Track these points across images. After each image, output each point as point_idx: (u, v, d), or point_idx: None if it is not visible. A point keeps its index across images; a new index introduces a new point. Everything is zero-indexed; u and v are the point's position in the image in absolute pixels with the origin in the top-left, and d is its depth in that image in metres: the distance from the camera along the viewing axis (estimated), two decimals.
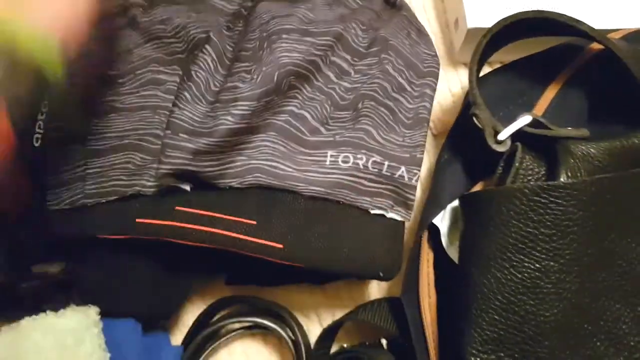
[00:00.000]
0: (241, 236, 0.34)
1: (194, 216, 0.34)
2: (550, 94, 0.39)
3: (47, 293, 0.39)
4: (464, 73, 0.46)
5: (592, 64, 0.39)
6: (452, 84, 0.46)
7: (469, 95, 0.37)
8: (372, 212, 0.36)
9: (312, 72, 0.37)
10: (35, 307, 0.39)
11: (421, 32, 0.40)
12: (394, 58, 0.38)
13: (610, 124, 0.37)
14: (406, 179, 0.37)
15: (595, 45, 0.40)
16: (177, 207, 0.34)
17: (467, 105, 0.39)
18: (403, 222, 0.37)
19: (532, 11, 0.36)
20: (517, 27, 0.37)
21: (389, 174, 0.36)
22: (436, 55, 0.39)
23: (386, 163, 0.36)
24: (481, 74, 0.41)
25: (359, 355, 0.38)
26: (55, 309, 0.40)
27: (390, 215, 0.37)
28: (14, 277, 0.37)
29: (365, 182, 0.36)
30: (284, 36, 0.36)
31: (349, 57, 0.38)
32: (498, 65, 0.44)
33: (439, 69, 0.39)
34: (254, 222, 0.34)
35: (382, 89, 0.37)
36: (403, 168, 0.37)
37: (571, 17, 0.36)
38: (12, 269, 0.37)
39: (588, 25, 0.36)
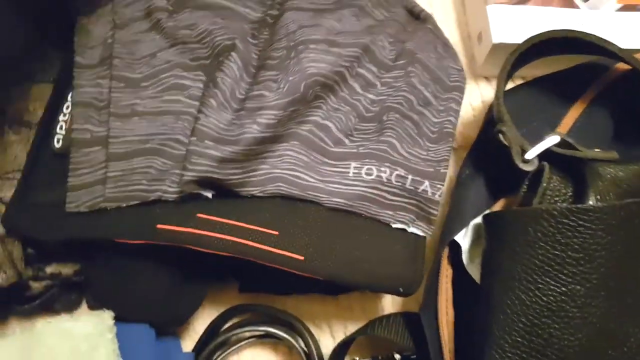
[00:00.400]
0: (263, 246, 0.34)
1: (216, 224, 0.34)
2: (575, 112, 0.39)
3: (59, 293, 0.39)
4: (485, 86, 0.46)
5: (618, 83, 0.39)
6: (473, 98, 0.45)
7: (493, 111, 0.37)
8: (394, 226, 0.36)
9: (338, 82, 0.36)
10: (47, 306, 0.39)
11: (447, 45, 0.40)
12: (420, 71, 0.37)
13: (636, 146, 0.37)
14: (429, 193, 0.36)
15: (622, 65, 0.39)
16: (199, 214, 0.34)
17: (490, 120, 0.38)
18: (424, 238, 0.37)
19: (562, 30, 0.36)
20: (545, 45, 0.37)
21: (412, 187, 0.36)
22: (462, 70, 0.39)
23: (410, 177, 0.36)
24: (505, 89, 0.41)
25: None
26: (67, 310, 0.39)
27: (411, 229, 0.36)
28: (28, 276, 0.37)
29: (388, 196, 0.36)
30: (312, 46, 0.36)
31: (375, 69, 0.37)
32: (519, 80, 0.44)
33: (465, 84, 0.39)
34: (276, 233, 0.34)
35: (407, 101, 0.37)
36: (427, 182, 0.36)
37: (600, 37, 0.36)
38: (25, 268, 0.37)
39: (617, 46, 0.36)
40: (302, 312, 0.42)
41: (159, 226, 0.34)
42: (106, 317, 0.35)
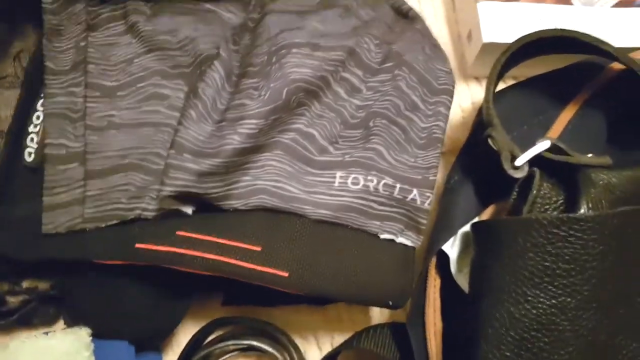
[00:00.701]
0: (245, 264, 0.32)
1: (196, 241, 0.33)
2: (567, 114, 0.37)
3: (37, 308, 0.38)
4: (475, 87, 0.44)
5: (613, 83, 0.38)
6: (462, 99, 0.44)
7: (483, 115, 0.36)
8: (382, 236, 0.35)
9: (322, 88, 0.35)
10: (23, 321, 0.38)
11: (436, 47, 0.38)
12: (407, 74, 0.36)
13: (630, 148, 0.36)
14: (418, 202, 0.35)
15: (616, 65, 0.38)
16: (178, 232, 0.33)
17: (479, 124, 0.37)
18: (414, 248, 0.35)
19: (555, 29, 0.35)
20: (537, 44, 0.35)
21: (400, 197, 0.35)
22: (451, 72, 0.37)
23: (398, 185, 0.35)
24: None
25: None
26: (46, 324, 0.38)
27: (400, 240, 0.35)
28: (3, 290, 0.36)
29: (376, 205, 0.34)
30: (294, 50, 0.34)
31: (360, 73, 0.36)
32: (511, 80, 0.43)
33: (454, 87, 0.37)
34: (259, 248, 0.33)
35: (394, 106, 0.35)
36: (415, 191, 0.35)
37: (594, 37, 0.35)
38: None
39: (611, 45, 0.35)
40: (288, 323, 0.40)
41: (137, 245, 0.33)
42: (83, 334, 0.34)
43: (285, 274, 0.32)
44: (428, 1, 0.46)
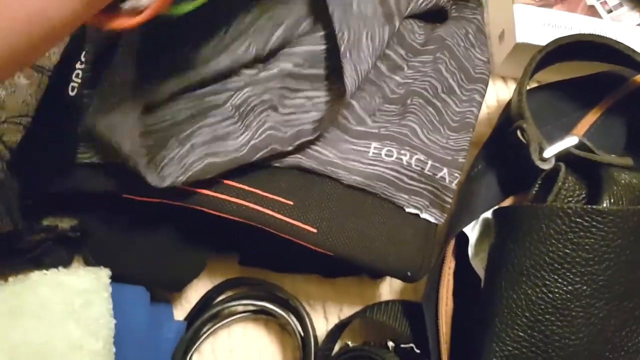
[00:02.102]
0: (277, 215, 0.33)
1: (232, 188, 0.33)
2: (590, 118, 0.39)
3: (50, 248, 0.38)
4: (501, 86, 0.46)
5: (634, 95, 0.39)
6: (488, 96, 0.44)
7: (513, 108, 0.37)
8: (407, 210, 0.36)
9: None
10: (35, 260, 0.38)
11: (481, 32, 0.40)
12: (447, 59, 0.37)
13: None
14: (447, 181, 0.36)
15: (639, 78, 0.40)
16: (225, 181, 0.33)
17: (506, 118, 0.38)
18: (436, 225, 0.37)
19: (591, 34, 0.36)
20: (571, 47, 0.37)
21: (430, 173, 0.36)
22: (488, 62, 0.39)
23: (430, 162, 0.36)
24: None
25: (365, 354, 0.38)
26: (55, 266, 0.38)
27: (424, 215, 0.36)
28: (23, 226, 0.36)
29: (406, 179, 0.36)
30: None
31: (403, 53, 0.37)
32: (534, 84, 0.44)
33: (489, 76, 0.39)
34: (292, 203, 0.34)
35: (432, 88, 0.37)
36: (445, 170, 0.36)
37: (628, 46, 0.36)
38: (22, 218, 0.35)
39: None
40: (299, 291, 0.41)
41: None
42: (103, 274, 0.34)
43: (314, 230, 0.33)
44: None
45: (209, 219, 0.34)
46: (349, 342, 0.40)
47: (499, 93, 0.45)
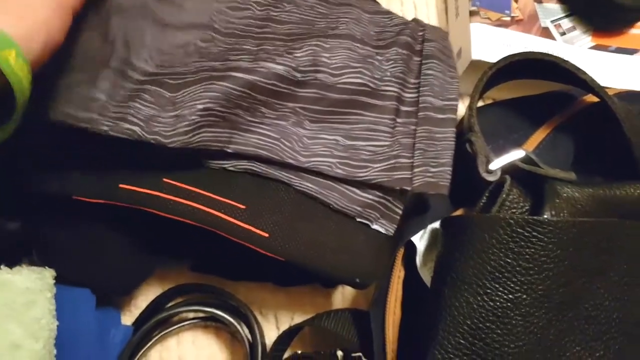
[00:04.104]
0: (228, 218, 0.33)
1: (182, 190, 0.33)
2: (540, 135, 0.40)
3: (1, 249, 0.37)
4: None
5: (583, 114, 0.41)
6: None
7: (464, 122, 0.38)
8: (358, 219, 0.36)
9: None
10: None
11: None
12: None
13: (593, 173, 0.39)
14: (398, 193, 0.36)
15: (589, 98, 0.41)
16: (165, 179, 0.33)
17: (460, 133, 0.39)
18: (386, 235, 0.37)
19: (541, 52, 0.38)
20: (521, 65, 0.38)
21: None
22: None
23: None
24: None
25: None
26: (8, 266, 0.38)
27: (374, 226, 0.36)
28: None
29: (359, 192, 0.36)
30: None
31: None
32: (490, 101, 0.45)
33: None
34: (244, 207, 0.34)
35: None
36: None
37: (574, 65, 0.38)
38: None
39: (589, 76, 0.38)
40: (251, 300, 0.41)
41: (121, 185, 0.33)
42: (47, 274, 0.34)
43: (266, 235, 0.33)
44: (424, 17, 0.49)
45: (161, 223, 0.34)
46: (299, 352, 0.40)
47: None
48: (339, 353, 0.39)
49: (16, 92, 0.27)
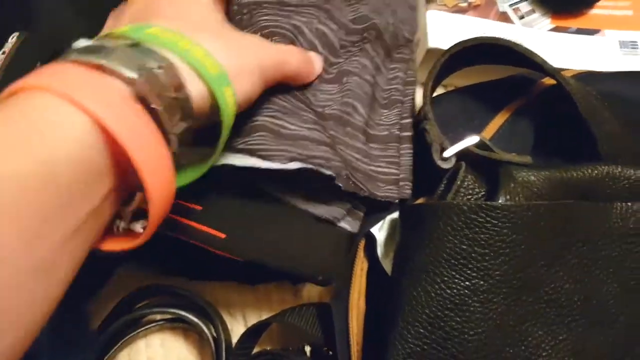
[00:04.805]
0: (184, 220, 0.33)
1: None
2: (499, 120, 0.40)
3: None
4: (419, 92, 0.46)
5: (542, 97, 0.40)
6: None
7: (421, 111, 0.38)
8: (323, 217, 0.36)
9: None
10: None
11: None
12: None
13: (553, 156, 0.38)
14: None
15: (547, 81, 0.41)
16: None
17: (418, 122, 0.39)
18: (351, 233, 0.37)
19: (492, 37, 0.37)
20: (475, 51, 0.38)
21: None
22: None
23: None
24: (436, 94, 0.42)
25: (280, 358, 0.38)
26: None
27: (340, 224, 0.36)
28: None
29: (326, 194, 0.36)
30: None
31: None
32: (452, 89, 0.45)
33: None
34: (200, 208, 0.33)
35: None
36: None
37: (527, 48, 0.37)
38: None
39: (542, 58, 0.37)
40: (218, 299, 0.41)
41: None
42: None
43: (222, 236, 0.33)
44: None
45: None
46: (268, 348, 0.40)
47: (417, 98, 0.46)
48: (307, 348, 0.39)
49: (224, 130, 0.28)
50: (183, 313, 0.39)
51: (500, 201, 0.32)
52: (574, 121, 0.37)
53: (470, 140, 0.35)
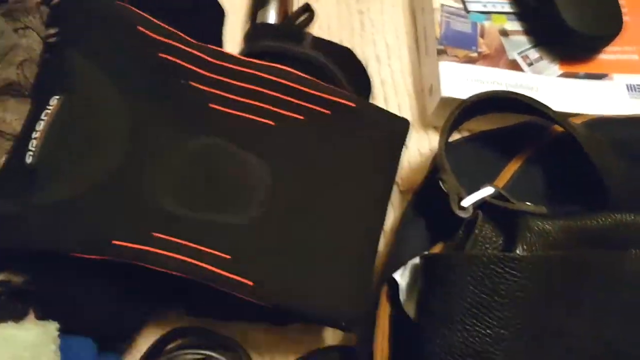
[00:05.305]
0: (213, 268, 0.35)
1: (171, 244, 0.35)
2: (512, 167, 0.42)
3: (6, 302, 0.39)
4: (433, 135, 0.48)
5: (555, 144, 0.42)
6: (421, 145, 0.48)
7: (436, 161, 0.40)
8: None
9: None
10: None
11: None
12: None
13: (566, 203, 0.40)
14: None
15: (558, 128, 0.42)
16: (154, 233, 0.35)
17: (434, 169, 0.41)
18: (372, 275, 0.38)
19: (504, 91, 0.39)
20: (488, 102, 0.40)
21: None
22: None
23: None
24: (450, 139, 0.44)
25: None
26: (12, 319, 0.39)
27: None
28: None
29: None
30: None
31: None
32: (465, 132, 0.47)
33: None
34: (228, 257, 0.35)
35: None
36: None
37: (538, 101, 0.39)
38: None
39: (553, 110, 0.39)
40: (247, 340, 0.42)
41: (114, 242, 0.35)
42: (51, 327, 0.35)
43: (250, 283, 0.35)
44: (396, 57, 0.51)
45: (154, 272, 0.36)
46: None
47: (431, 142, 0.48)
48: None
49: None
50: (214, 354, 0.41)
51: (518, 252, 0.34)
52: (586, 168, 0.39)
53: (487, 191, 0.36)
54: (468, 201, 0.36)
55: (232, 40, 0.51)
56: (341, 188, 0.39)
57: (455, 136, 0.45)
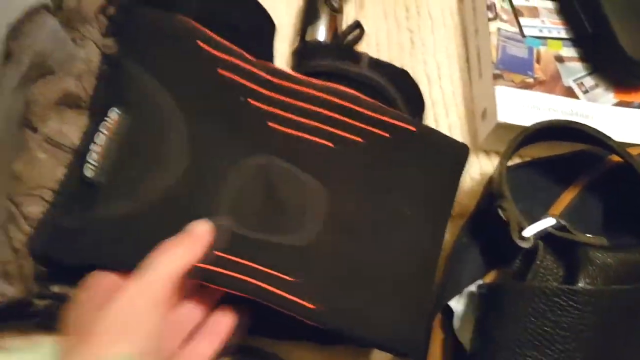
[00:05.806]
0: (277, 291, 0.35)
1: (234, 264, 0.35)
2: (568, 195, 0.41)
3: (57, 314, 0.39)
4: (484, 160, 0.48)
5: (612, 173, 0.42)
6: (472, 170, 0.47)
7: (494, 187, 0.39)
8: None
9: None
10: (44, 325, 0.39)
11: None
12: None
13: (623, 234, 0.40)
14: None
15: (615, 157, 0.42)
16: (217, 253, 0.35)
17: (490, 194, 0.41)
18: (430, 301, 0.38)
19: (567, 121, 0.39)
20: (548, 131, 0.40)
21: None
22: None
23: None
24: None
25: None
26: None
27: None
28: (34, 292, 0.37)
29: None
30: None
31: None
32: (517, 158, 0.47)
33: None
34: (292, 279, 0.35)
35: None
36: None
37: (598, 131, 0.39)
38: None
39: (614, 141, 0.39)
40: (293, 358, 0.42)
41: None
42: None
43: (312, 307, 0.35)
44: (447, 79, 0.51)
45: None
46: None
47: (482, 166, 0.48)
48: None
49: None
50: None
51: (580, 284, 0.34)
52: None
53: (548, 222, 0.36)
54: (530, 231, 0.36)
55: (281, 55, 0.51)
56: (399, 213, 0.39)
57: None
